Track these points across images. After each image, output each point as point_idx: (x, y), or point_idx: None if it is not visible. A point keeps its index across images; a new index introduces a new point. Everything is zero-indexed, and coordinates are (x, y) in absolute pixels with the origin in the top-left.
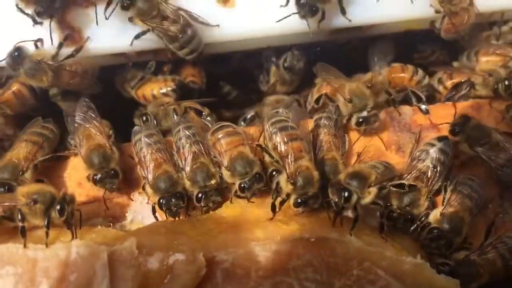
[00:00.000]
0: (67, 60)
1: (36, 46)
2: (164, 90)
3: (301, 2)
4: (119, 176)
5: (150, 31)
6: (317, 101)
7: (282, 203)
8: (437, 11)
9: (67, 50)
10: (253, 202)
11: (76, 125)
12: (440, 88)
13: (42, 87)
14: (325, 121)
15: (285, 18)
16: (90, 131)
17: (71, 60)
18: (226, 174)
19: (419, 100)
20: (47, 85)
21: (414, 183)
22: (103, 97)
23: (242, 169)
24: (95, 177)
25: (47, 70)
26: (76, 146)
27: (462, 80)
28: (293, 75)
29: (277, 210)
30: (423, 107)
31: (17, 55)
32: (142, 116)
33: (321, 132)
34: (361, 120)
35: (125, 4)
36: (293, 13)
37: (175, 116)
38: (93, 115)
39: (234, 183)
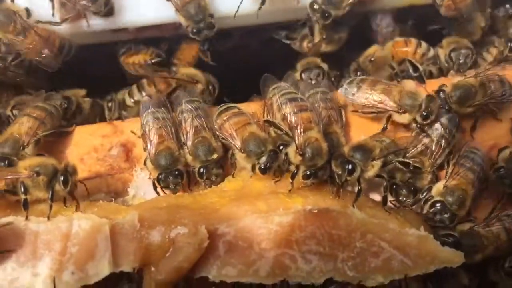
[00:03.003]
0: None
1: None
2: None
3: None
4: None
5: None
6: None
7: (293, 177)
8: None
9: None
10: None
11: None
12: None
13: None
14: (321, 95)
15: None
16: None
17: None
18: (240, 156)
19: (416, 69)
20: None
21: (418, 159)
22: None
23: (257, 149)
24: None
25: (17, 22)
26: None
27: None
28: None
29: (291, 187)
30: (420, 76)
31: None
32: (108, 103)
33: (318, 106)
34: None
35: None
36: None
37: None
38: None
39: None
